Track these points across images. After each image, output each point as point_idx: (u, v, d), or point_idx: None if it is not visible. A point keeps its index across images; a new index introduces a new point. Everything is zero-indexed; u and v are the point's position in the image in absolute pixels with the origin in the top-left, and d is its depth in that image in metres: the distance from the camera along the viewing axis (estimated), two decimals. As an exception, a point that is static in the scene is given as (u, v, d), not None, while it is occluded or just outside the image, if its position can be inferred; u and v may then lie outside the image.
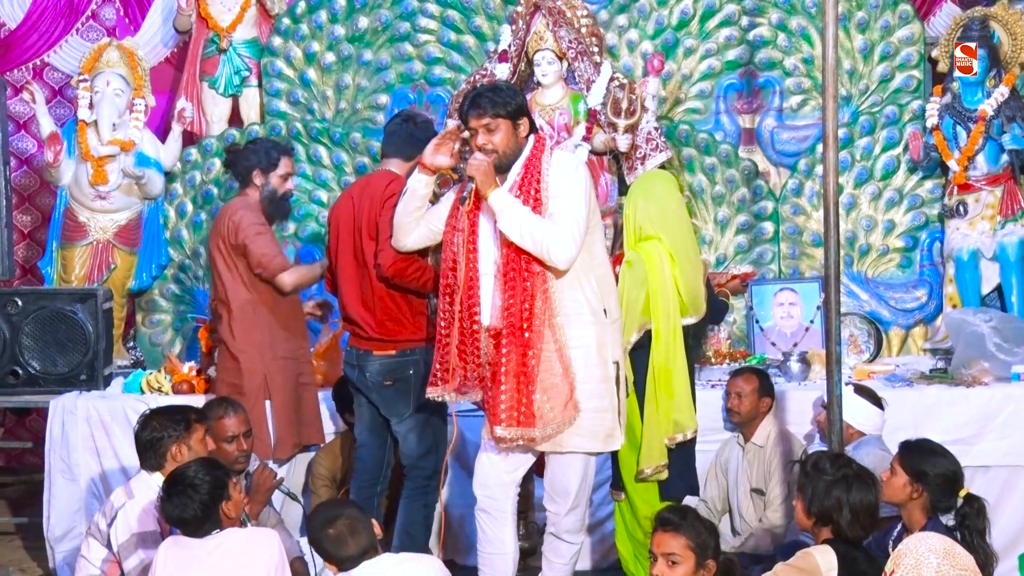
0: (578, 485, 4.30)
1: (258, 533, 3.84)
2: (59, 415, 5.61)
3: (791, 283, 6.32)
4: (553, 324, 4.16)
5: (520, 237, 4.13)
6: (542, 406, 4.13)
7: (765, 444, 5.08)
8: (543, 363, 4.15)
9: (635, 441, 4.44)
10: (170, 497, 3.67)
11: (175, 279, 6.87)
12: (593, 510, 5.37)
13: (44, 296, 5.96)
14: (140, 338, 6.83)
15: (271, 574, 3.64)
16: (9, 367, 5.82)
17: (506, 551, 4.35)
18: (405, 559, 3.67)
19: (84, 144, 6.56)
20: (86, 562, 4.13)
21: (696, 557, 3.58)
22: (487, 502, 4.33)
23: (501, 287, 4.18)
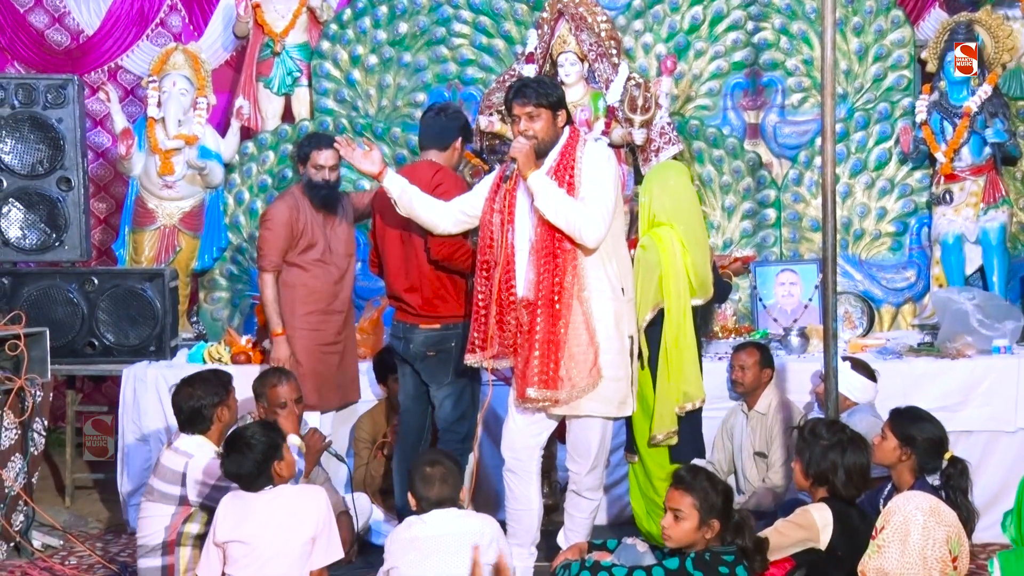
0: (597, 446, 4.29)
1: (307, 490, 3.85)
2: (131, 383, 5.63)
3: (791, 264, 6.28)
4: (581, 298, 4.16)
5: (555, 216, 4.13)
6: (569, 371, 4.14)
7: (767, 412, 5.05)
8: (571, 333, 4.15)
9: (648, 409, 4.42)
10: (229, 454, 3.69)
11: (233, 260, 6.88)
12: (609, 471, 5.34)
13: (117, 275, 5.99)
14: (202, 313, 6.85)
15: (318, 526, 3.65)
16: (87, 339, 5.86)
17: (532, 507, 4.36)
18: (464, 514, 3.69)
19: (153, 138, 6.57)
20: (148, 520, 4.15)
21: (700, 516, 3.57)
22: (514, 463, 4.33)
23: (535, 262, 4.18)
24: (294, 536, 3.61)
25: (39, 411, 5.25)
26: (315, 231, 5.18)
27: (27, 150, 6.00)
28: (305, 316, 5.15)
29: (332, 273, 5.26)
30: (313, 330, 5.15)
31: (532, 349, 4.16)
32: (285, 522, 3.62)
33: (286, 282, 5.17)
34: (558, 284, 4.15)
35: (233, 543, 3.60)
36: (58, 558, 5.15)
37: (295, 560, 3.61)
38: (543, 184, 4.17)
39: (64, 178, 6.00)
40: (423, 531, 3.59)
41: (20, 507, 5.15)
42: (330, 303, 5.22)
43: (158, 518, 4.12)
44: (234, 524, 3.62)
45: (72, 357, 5.83)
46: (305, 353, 5.13)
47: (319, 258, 5.19)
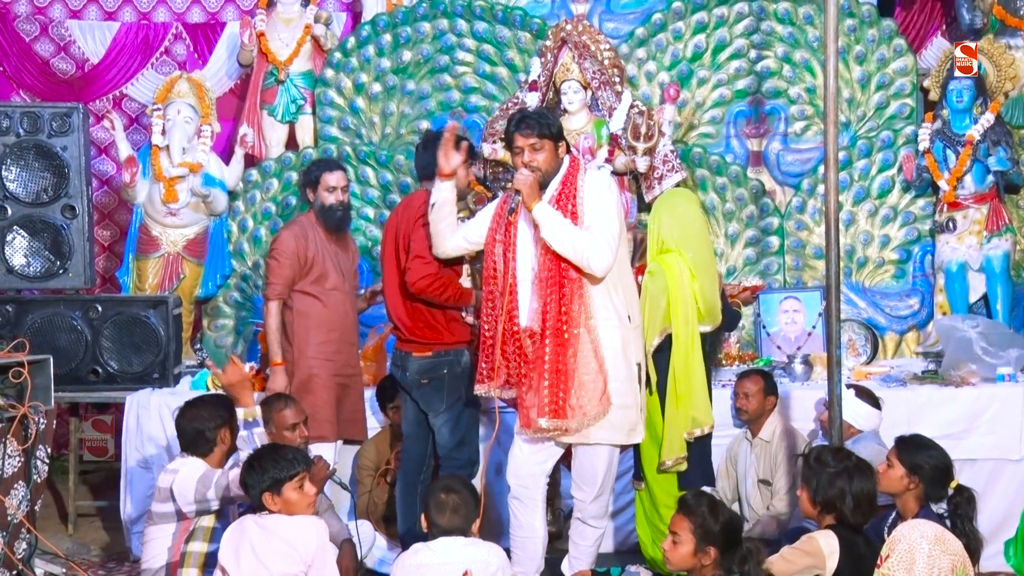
0: (604, 474, 4.30)
1: (304, 520, 3.81)
2: (134, 409, 5.65)
3: (795, 292, 6.30)
4: (589, 326, 4.19)
5: (562, 246, 4.16)
6: (580, 399, 4.16)
7: (771, 439, 5.06)
8: (580, 361, 4.18)
9: (656, 435, 4.43)
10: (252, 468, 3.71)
11: (237, 288, 6.91)
12: (615, 498, 5.37)
13: (121, 303, 6.01)
14: (206, 340, 6.87)
15: (312, 558, 3.62)
16: (90, 366, 5.88)
17: (536, 535, 4.37)
18: (472, 542, 3.69)
19: (157, 166, 6.61)
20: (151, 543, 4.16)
21: (696, 542, 3.57)
22: (520, 491, 4.35)
23: (539, 291, 4.21)
24: (283, 564, 3.58)
25: (42, 439, 5.25)
26: (326, 260, 5.18)
27: (32, 178, 6.04)
28: (320, 345, 5.11)
29: (347, 301, 5.27)
30: (328, 360, 5.13)
31: (541, 379, 4.18)
32: (277, 551, 3.60)
33: (300, 311, 5.12)
34: (565, 313, 4.17)
35: (230, 568, 3.61)
36: (60, 587, 5.16)
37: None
38: (549, 215, 4.20)
39: (68, 206, 6.04)
40: (429, 558, 3.60)
41: (23, 535, 5.14)
42: (344, 332, 5.21)
43: (160, 540, 4.13)
44: (234, 549, 3.61)
45: (76, 384, 5.84)
46: (320, 383, 5.10)
47: (334, 286, 5.18)
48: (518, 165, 4.31)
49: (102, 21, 7.79)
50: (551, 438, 4.24)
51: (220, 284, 6.85)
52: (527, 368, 4.23)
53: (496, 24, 6.84)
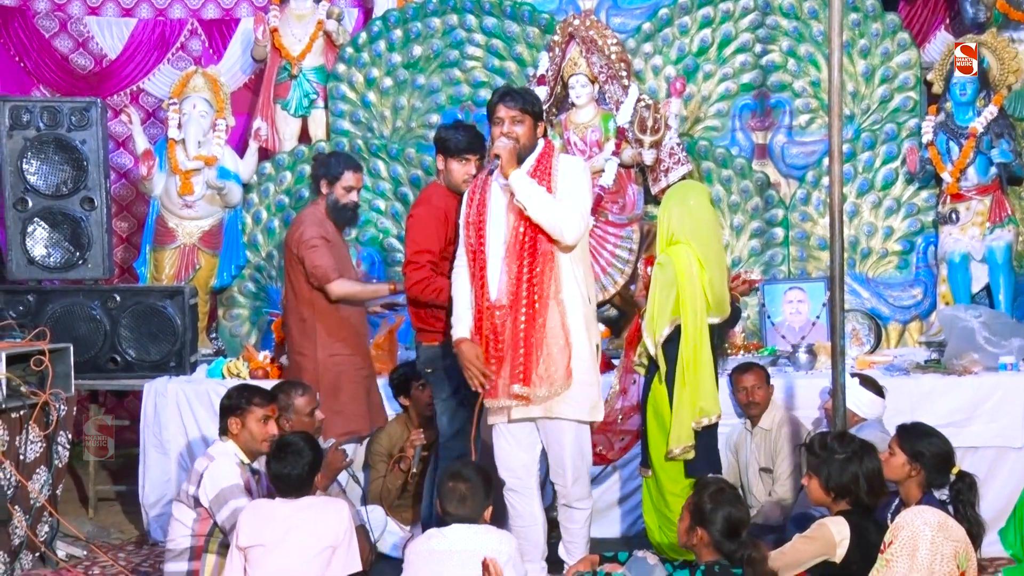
0: (573, 452, 4.30)
1: (330, 501, 3.88)
2: (152, 397, 5.68)
3: (799, 283, 6.28)
4: (558, 299, 4.22)
5: (537, 209, 4.18)
6: (548, 368, 4.18)
7: (771, 427, 5.06)
8: (549, 332, 4.19)
9: (664, 424, 4.42)
10: (280, 457, 3.73)
11: (252, 278, 6.92)
12: (622, 484, 5.41)
13: (139, 293, 6.04)
14: (221, 330, 6.89)
15: (338, 537, 3.67)
16: (109, 354, 5.91)
17: (537, 522, 4.39)
18: (483, 530, 3.69)
19: (173, 159, 6.63)
20: (178, 523, 4.17)
21: (690, 519, 3.61)
22: (514, 482, 4.36)
23: (510, 263, 4.22)
24: (314, 543, 3.63)
25: (63, 425, 5.29)
26: (341, 251, 5.17)
27: (52, 171, 6.06)
28: (344, 341, 5.07)
29: None
30: (352, 355, 5.10)
31: (516, 348, 4.19)
32: (306, 529, 3.65)
33: (320, 311, 5.03)
34: (537, 284, 4.19)
35: (254, 548, 3.63)
36: (82, 568, 5.18)
37: (314, 567, 3.63)
38: (525, 181, 4.22)
39: (87, 198, 6.06)
40: (441, 544, 3.61)
41: (45, 518, 5.18)
42: (360, 326, 5.20)
43: (182, 523, 4.16)
44: (256, 529, 3.65)
45: (95, 372, 5.88)
46: (348, 379, 5.07)
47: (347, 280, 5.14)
48: (496, 135, 4.31)
49: (119, 17, 7.80)
50: (521, 401, 4.21)
51: (235, 275, 6.87)
52: (499, 343, 4.22)
53: (505, 19, 6.83)
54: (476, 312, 4.29)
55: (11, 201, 6.03)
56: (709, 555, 3.58)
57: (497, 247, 4.26)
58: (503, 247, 4.24)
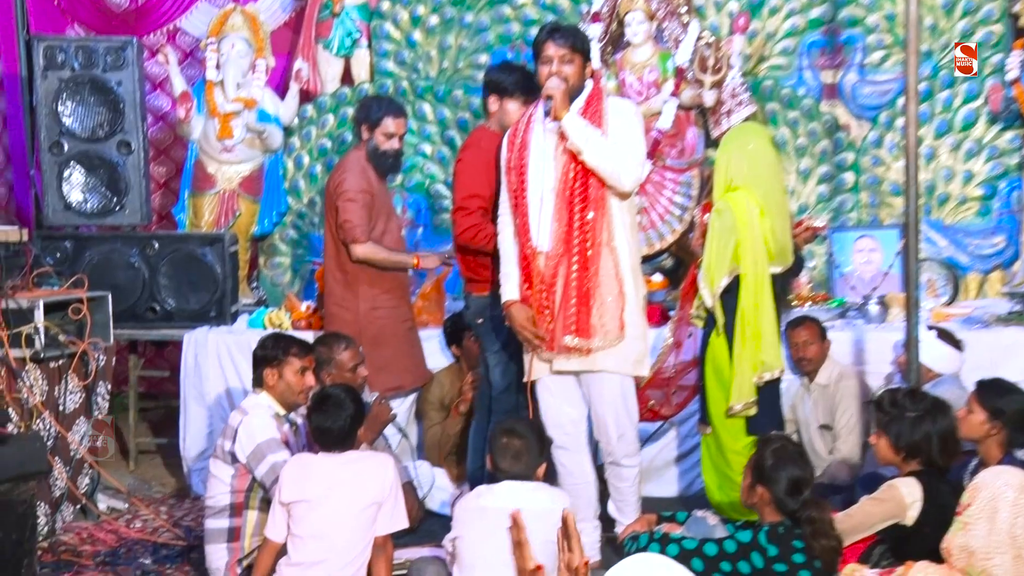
0: (617, 408, 4.27)
1: (375, 455, 3.90)
2: (192, 347, 5.72)
3: (871, 230, 6.20)
4: (612, 247, 4.17)
5: (594, 154, 4.12)
6: (602, 318, 4.15)
7: (828, 383, 4.99)
8: (603, 281, 4.16)
9: (723, 379, 4.38)
10: (321, 409, 3.74)
11: (293, 225, 6.93)
12: (680, 442, 5.38)
13: (178, 240, 6.07)
14: (262, 279, 6.92)
15: (384, 492, 3.68)
16: (148, 304, 5.96)
17: (588, 479, 4.39)
18: (535, 488, 3.67)
19: (212, 102, 6.62)
20: (216, 480, 4.20)
21: (751, 478, 3.59)
22: (564, 439, 4.34)
23: (559, 209, 4.17)
24: (359, 498, 3.64)
25: (103, 375, 5.35)
26: (384, 199, 5.15)
27: (88, 113, 6.08)
28: (386, 294, 5.08)
29: (402, 242, 5.27)
30: (395, 307, 5.11)
31: (567, 299, 4.16)
32: (351, 484, 3.66)
33: (363, 262, 5.05)
34: (590, 231, 4.15)
35: (298, 503, 3.65)
36: (123, 521, 5.26)
37: (359, 523, 3.64)
38: (580, 124, 4.15)
39: (124, 142, 6.08)
40: (491, 502, 3.60)
41: (85, 470, 5.26)
42: (403, 276, 5.20)
43: (221, 480, 4.18)
44: (299, 484, 3.67)
45: (134, 322, 5.93)
46: (389, 332, 5.08)
47: (392, 228, 5.15)
48: (544, 76, 4.22)
49: (155, -47, 7.77)
50: (575, 353, 4.19)
51: (276, 222, 6.88)
52: (549, 293, 4.19)
53: (558, -48, 6.72)
54: (522, 260, 4.25)
55: (47, 144, 6.07)
56: (772, 515, 3.55)
57: (543, 192, 4.21)
58: (552, 193, 4.20)
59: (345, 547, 3.62)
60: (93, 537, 5.00)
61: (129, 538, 4.98)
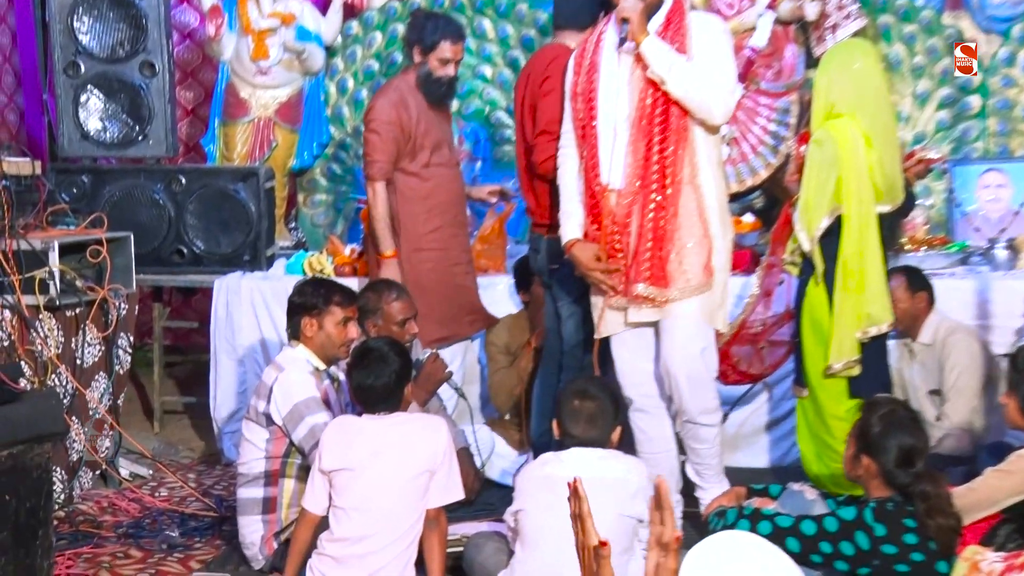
0: (691, 354, 4.23)
1: (426, 418, 3.91)
2: (223, 295, 5.79)
3: (999, 163, 6.09)
4: (695, 184, 4.14)
5: (679, 84, 4.08)
6: (682, 265, 4.14)
7: (933, 342, 4.91)
8: (684, 222, 4.14)
9: (822, 334, 4.34)
10: (363, 365, 3.74)
11: (336, 158, 6.94)
12: (773, 406, 5.37)
13: (207, 174, 6.12)
14: (302, 218, 6.95)
15: (436, 460, 3.68)
16: (174, 246, 6.02)
17: (670, 447, 4.39)
18: (608, 455, 3.68)
19: (245, 17, 6.62)
20: (249, 445, 4.23)
21: (855, 447, 3.58)
22: (642, 400, 4.35)
23: (635, 142, 4.14)
24: (408, 466, 3.65)
25: (124, 325, 5.42)
26: (431, 130, 5.12)
27: (106, 30, 6.12)
28: (432, 234, 5.09)
29: (456, 177, 5.25)
30: (443, 248, 5.12)
31: (642, 241, 4.13)
32: (399, 450, 3.67)
33: (405, 195, 5.07)
34: (670, 166, 4.11)
35: (340, 471, 3.67)
36: (147, 489, 5.35)
37: (409, 493, 3.65)
38: (662, 50, 4.10)
39: (147, 63, 6.11)
40: (558, 470, 3.60)
41: (106, 431, 5.35)
42: (457, 214, 5.20)
43: (254, 444, 4.21)
44: (342, 450, 3.69)
45: (158, 266, 6.01)
46: (435, 277, 5.10)
47: (442, 162, 5.14)
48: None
49: None
50: (649, 303, 4.18)
51: (317, 154, 6.90)
52: (623, 235, 4.15)
53: None
54: (588, 199, 4.24)
55: (61, 65, 6.12)
56: (879, 490, 3.52)
57: (615, 122, 4.18)
58: (626, 123, 4.17)
59: (393, 520, 3.64)
60: (114, 506, 5.09)
61: (154, 508, 5.06)
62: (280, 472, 4.14)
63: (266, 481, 4.18)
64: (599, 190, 4.20)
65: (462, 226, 5.27)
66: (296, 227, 6.93)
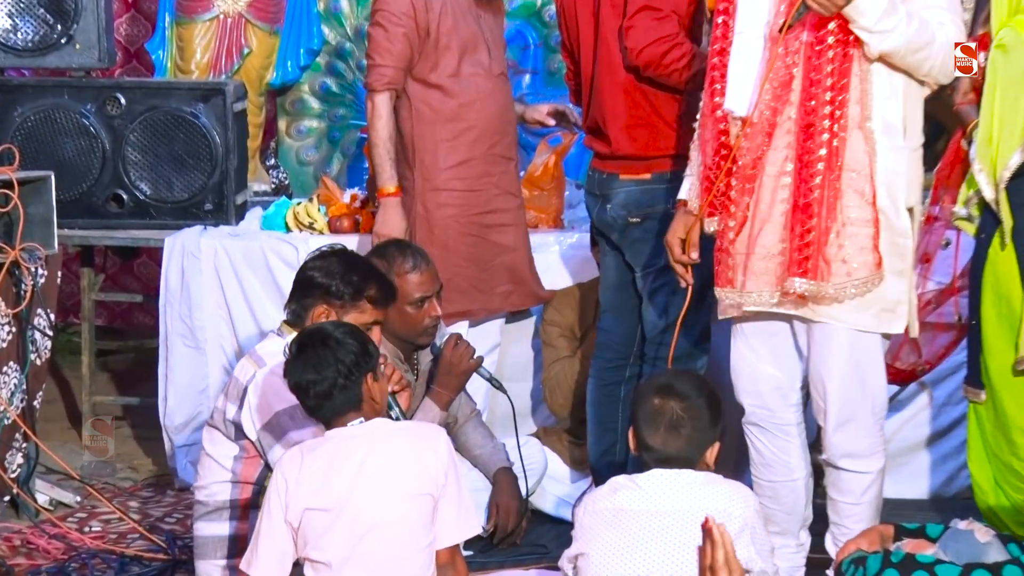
0: (845, 378, 4.24)
1: (419, 428, 3.86)
2: (177, 259, 5.81)
3: None
4: (867, 129, 4.10)
5: (902, 46, 4.05)
6: (844, 250, 4.11)
7: None
8: (847, 186, 4.11)
9: (1011, 315, 4.32)
10: (303, 352, 3.69)
11: (331, 70, 6.97)
12: (933, 414, 5.35)
13: (155, 92, 6.13)
14: (284, 154, 6.98)
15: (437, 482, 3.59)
16: (110, 190, 6.04)
17: (794, 476, 4.39)
18: (704, 480, 3.66)
19: None
20: (212, 463, 4.24)
21: None
22: (757, 411, 4.36)
23: (786, 66, 4.12)
24: (401, 493, 3.59)
25: (42, 299, 5.44)
26: (461, 25, 5.16)
27: None
28: (457, 169, 5.13)
29: (499, 91, 5.25)
30: (469, 191, 5.15)
31: (795, 212, 4.11)
32: (386, 472, 3.61)
33: (422, 115, 5.11)
34: (831, 102, 4.08)
35: (311, 514, 3.61)
36: (73, 521, 5.38)
37: (407, 532, 3.59)
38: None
39: (72, -64, 6.14)
40: (634, 501, 3.60)
41: (17, 443, 5.39)
42: (493, 144, 5.20)
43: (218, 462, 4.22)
44: (311, 485, 3.62)
45: (88, 218, 6.04)
46: (458, 228, 5.15)
47: (478, 71, 5.16)
48: None
49: None
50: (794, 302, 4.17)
51: (305, 64, 6.93)
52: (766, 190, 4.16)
53: None
54: (712, 133, 4.25)
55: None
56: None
57: (757, 35, 4.18)
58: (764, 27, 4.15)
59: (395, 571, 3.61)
60: (29, 545, 5.12)
61: (83, 547, 5.09)
62: (251, 502, 4.15)
63: (232, 514, 4.20)
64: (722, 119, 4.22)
65: (506, 161, 5.28)
66: (277, 165, 6.95)
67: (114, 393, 6.78)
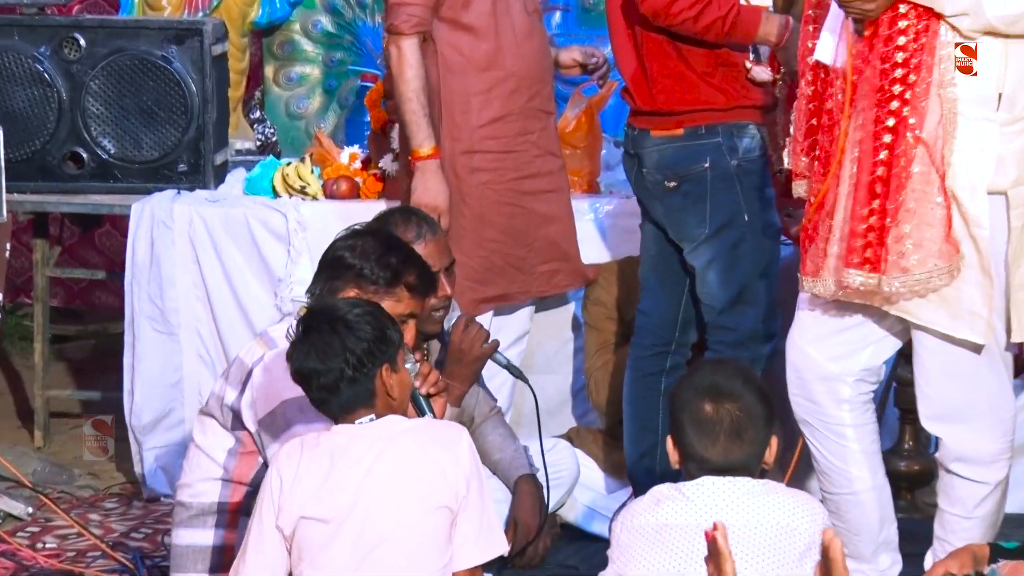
0: (933, 373, 4.27)
1: (438, 427, 3.87)
2: (146, 228, 5.83)
3: None
4: (943, 97, 4.11)
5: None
6: (913, 243, 4.13)
7: None
8: (917, 167, 4.12)
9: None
10: (307, 335, 3.70)
11: (327, 7, 6.97)
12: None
13: (120, 33, 6.15)
14: (271, 105, 6.99)
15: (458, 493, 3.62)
16: (67, 148, 6.07)
17: (855, 489, 4.41)
18: (772, 490, 3.66)
19: None
20: (201, 456, 4.25)
21: None
22: (804, 405, 4.40)
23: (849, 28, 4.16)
24: (414, 504, 3.63)
25: (-13, 276, 5.49)
26: None
27: None
28: (493, 126, 5.17)
29: (535, 34, 5.28)
30: (506, 152, 5.19)
31: (856, 189, 4.17)
32: (398, 479, 3.64)
33: (450, 63, 5.14)
34: (910, 61, 4.11)
35: (308, 524, 3.64)
36: (25, 536, 5.42)
37: (420, 551, 3.62)
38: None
39: None
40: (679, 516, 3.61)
41: (-42, 445, 5.44)
42: (533, 95, 5.24)
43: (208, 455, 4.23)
44: (308, 490, 3.65)
45: (42, 180, 6.07)
46: (494, 197, 5.19)
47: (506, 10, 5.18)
48: None
49: None
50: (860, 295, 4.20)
51: (295, 1, 6.91)
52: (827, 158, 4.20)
53: None
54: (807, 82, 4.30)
55: None
56: None
57: None
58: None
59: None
60: (-26, 563, 5.18)
61: (35, 566, 5.13)
62: (242, 507, 4.17)
63: (219, 520, 4.21)
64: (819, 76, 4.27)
65: (546, 116, 5.33)
66: (263, 119, 6.97)
67: (72, 386, 6.80)
